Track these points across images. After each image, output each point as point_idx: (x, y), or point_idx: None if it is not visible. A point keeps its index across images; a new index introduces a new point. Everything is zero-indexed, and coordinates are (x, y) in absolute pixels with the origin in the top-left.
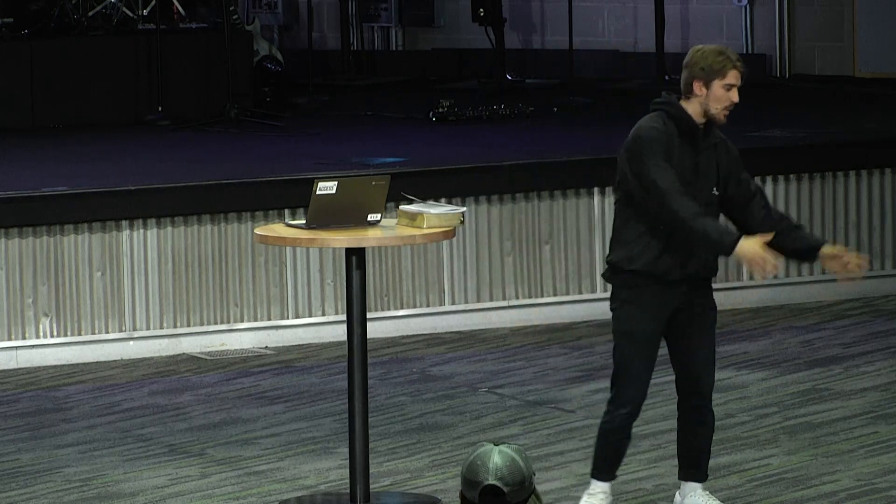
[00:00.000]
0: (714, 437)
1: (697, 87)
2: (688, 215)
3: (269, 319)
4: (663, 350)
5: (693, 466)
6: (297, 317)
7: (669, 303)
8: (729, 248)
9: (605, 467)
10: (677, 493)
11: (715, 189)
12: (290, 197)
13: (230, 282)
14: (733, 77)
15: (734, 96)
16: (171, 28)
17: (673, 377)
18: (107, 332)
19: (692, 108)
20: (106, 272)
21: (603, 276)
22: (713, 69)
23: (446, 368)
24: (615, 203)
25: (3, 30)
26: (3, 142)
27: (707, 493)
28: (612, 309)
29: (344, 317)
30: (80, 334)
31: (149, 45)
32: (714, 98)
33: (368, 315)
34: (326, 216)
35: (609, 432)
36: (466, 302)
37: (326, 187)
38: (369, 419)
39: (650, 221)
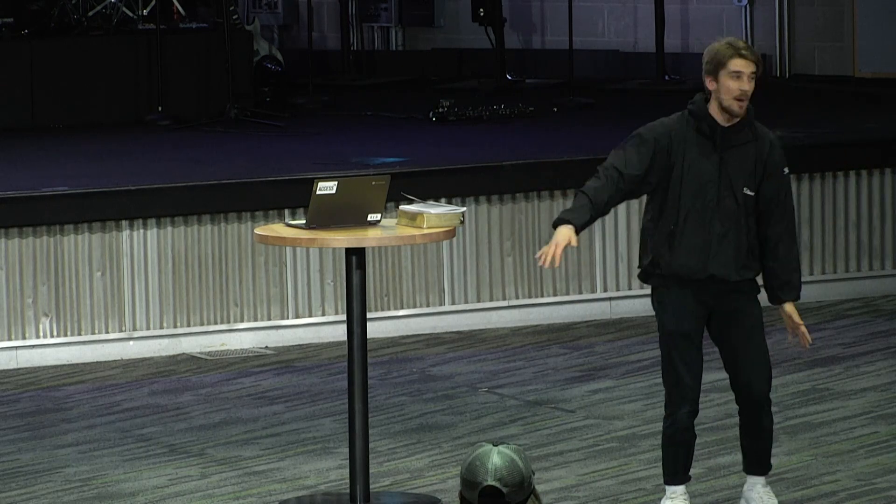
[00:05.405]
0: (713, 437)
1: (709, 83)
2: (581, 190)
3: (269, 319)
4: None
5: (754, 462)
6: (297, 317)
7: (701, 302)
8: (555, 223)
9: (678, 470)
10: (745, 486)
11: (747, 189)
12: (290, 197)
13: (230, 282)
14: (737, 65)
15: (744, 84)
16: (171, 28)
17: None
18: (107, 332)
19: (713, 106)
20: (106, 272)
21: (639, 277)
22: (718, 61)
23: (446, 368)
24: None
25: (3, 30)
26: (3, 142)
27: (768, 488)
28: (654, 311)
29: (344, 317)
30: (80, 334)
31: (149, 45)
32: (725, 89)
33: (368, 315)
34: (326, 216)
35: (675, 434)
36: (466, 302)
37: (326, 187)
38: (369, 419)
39: (664, 225)
